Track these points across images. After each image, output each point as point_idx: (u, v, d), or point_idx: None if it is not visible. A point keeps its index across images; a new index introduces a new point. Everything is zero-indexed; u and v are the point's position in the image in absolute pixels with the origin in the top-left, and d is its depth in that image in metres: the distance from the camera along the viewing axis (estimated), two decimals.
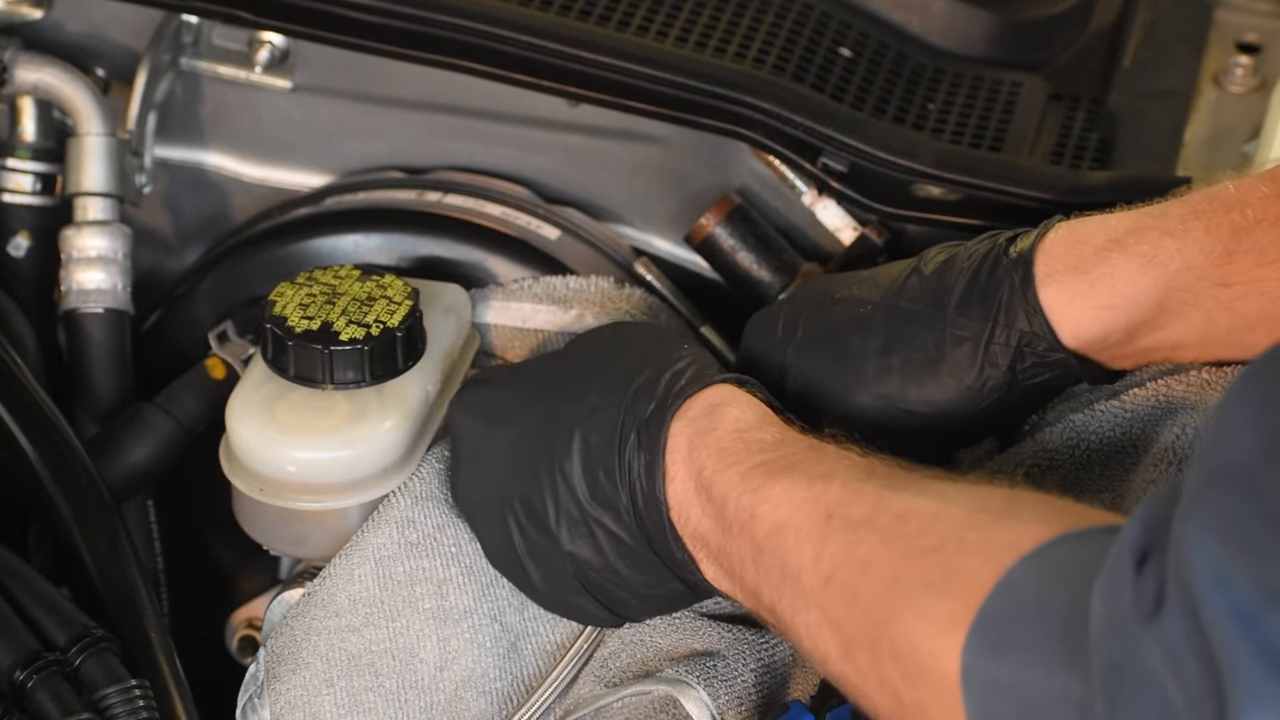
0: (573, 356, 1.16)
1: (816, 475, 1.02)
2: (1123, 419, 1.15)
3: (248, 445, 1.17)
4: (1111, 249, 1.11)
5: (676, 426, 1.08)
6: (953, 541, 0.92)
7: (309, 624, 1.13)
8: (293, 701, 1.12)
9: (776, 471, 1.03)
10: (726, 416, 1.07)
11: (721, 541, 1.05)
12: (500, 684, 1.13)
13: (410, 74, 1.41)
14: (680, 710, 1.09)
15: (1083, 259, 1.12)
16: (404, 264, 1.36)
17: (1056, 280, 1.12)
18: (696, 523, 1.06)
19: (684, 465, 1.07)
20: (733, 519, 1.04)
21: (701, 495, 1.06)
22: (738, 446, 1.06)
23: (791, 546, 1.00)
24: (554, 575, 1.11)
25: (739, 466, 1.04)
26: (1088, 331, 1.12)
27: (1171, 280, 1.10)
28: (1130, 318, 1.11)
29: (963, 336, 1.13)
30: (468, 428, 1.15)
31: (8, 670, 1.09)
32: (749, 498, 1.03)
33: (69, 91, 1.40)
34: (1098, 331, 1.12)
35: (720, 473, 1.05)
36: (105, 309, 1.37)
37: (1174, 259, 1.10)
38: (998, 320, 1.13)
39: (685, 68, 1.36)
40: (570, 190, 1.46)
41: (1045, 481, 1.16)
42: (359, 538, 1.15)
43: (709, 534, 1.06)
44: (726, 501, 1.04)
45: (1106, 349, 1.13)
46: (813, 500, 1.00)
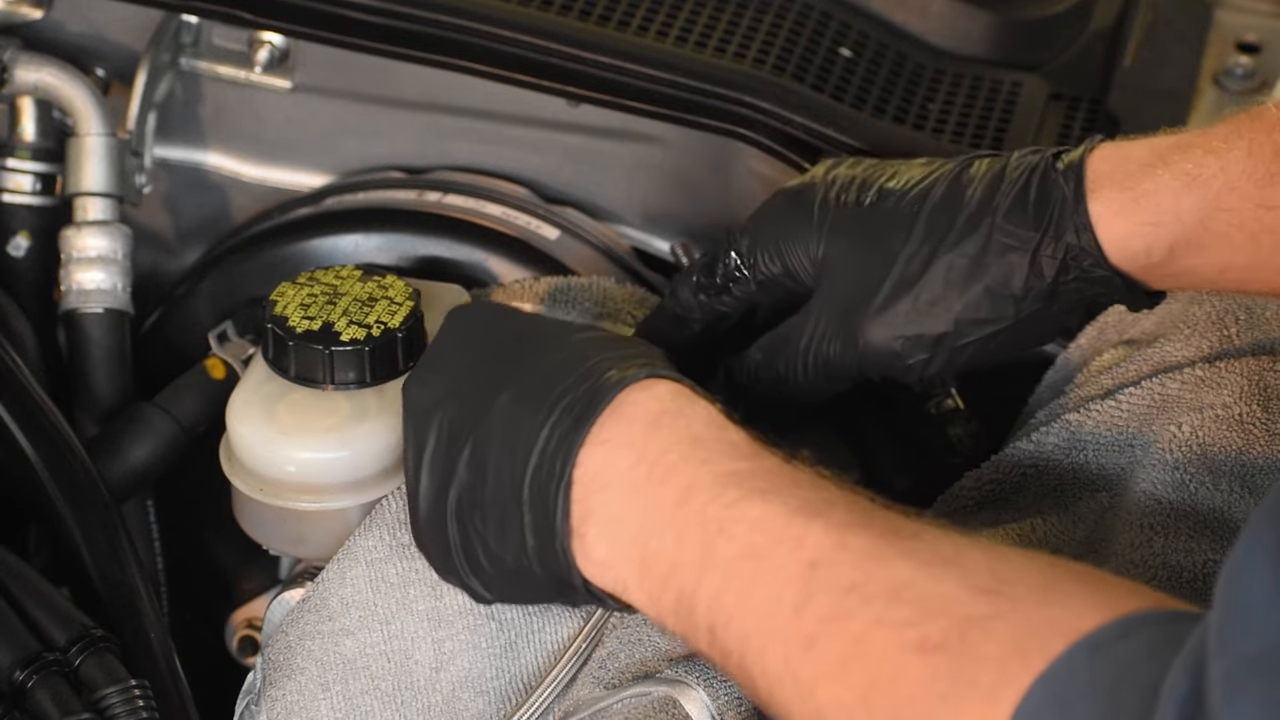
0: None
1: (797, 509, 0.94)
2: (1119, 418, 1.15)
3: (248, 445, 1.17)
4: (1155, 165, 1.10)
5: (638, 393, 1.01)
6: (957, 637, 0.84)
7: (303, 629, 1.13)
8: (289, 707, 1.12)
9: (754, 490, 0.95)
10: (698, 402, 1.01)
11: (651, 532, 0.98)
12: (498, 684, 1.13)
13: (410, 74, 1.41)
14: (680, 711, 1.09)
15: (1128, 174, 1.10)
16: (404, 264, 1.36)
17: (1102, 195, 1.10)
18: (613, 496, 1.00)
19: (637, 433, 1.00)
20: (689, 520, 0.97)
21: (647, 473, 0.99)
22: (712, 442, 0.99)
23: (765, 580, 0.92)
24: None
25: (712, 467, 0.97)
26: (1131, 247, 1.10)
27: (1215, 200, 1.08)
28: (1174, 235, 1.09)
29: (1010, 245, 1.11)
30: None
31: (8, 670, 1.09)
32: (720, 509, 0.95)
33: (69, 91, 1.40)
34: (1140, 248, 1.10)
35: (688, 463, 0.98)
36: (105, 309, 1.37)
37: (1217, 178, 1.08)
38: (1047, 231, 1.11)
39: (685, 68, 1.36)
40: (570, 190, 1.46)
41: (1042, 480, 1.17)
42: (351, 541, 1.15)
43: (628, 514, 0.99)
44: (688, 499, 0.97)
45: (1149, 268, 1.11)
46: (793, 541, 0.92)
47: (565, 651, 1.13)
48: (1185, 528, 1.09)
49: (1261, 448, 1.12)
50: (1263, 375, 1.14)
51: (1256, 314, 1.19)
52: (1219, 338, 1.18)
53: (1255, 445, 1.12)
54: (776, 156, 1.36)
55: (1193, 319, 1.19)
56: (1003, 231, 1.11)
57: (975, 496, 1.18)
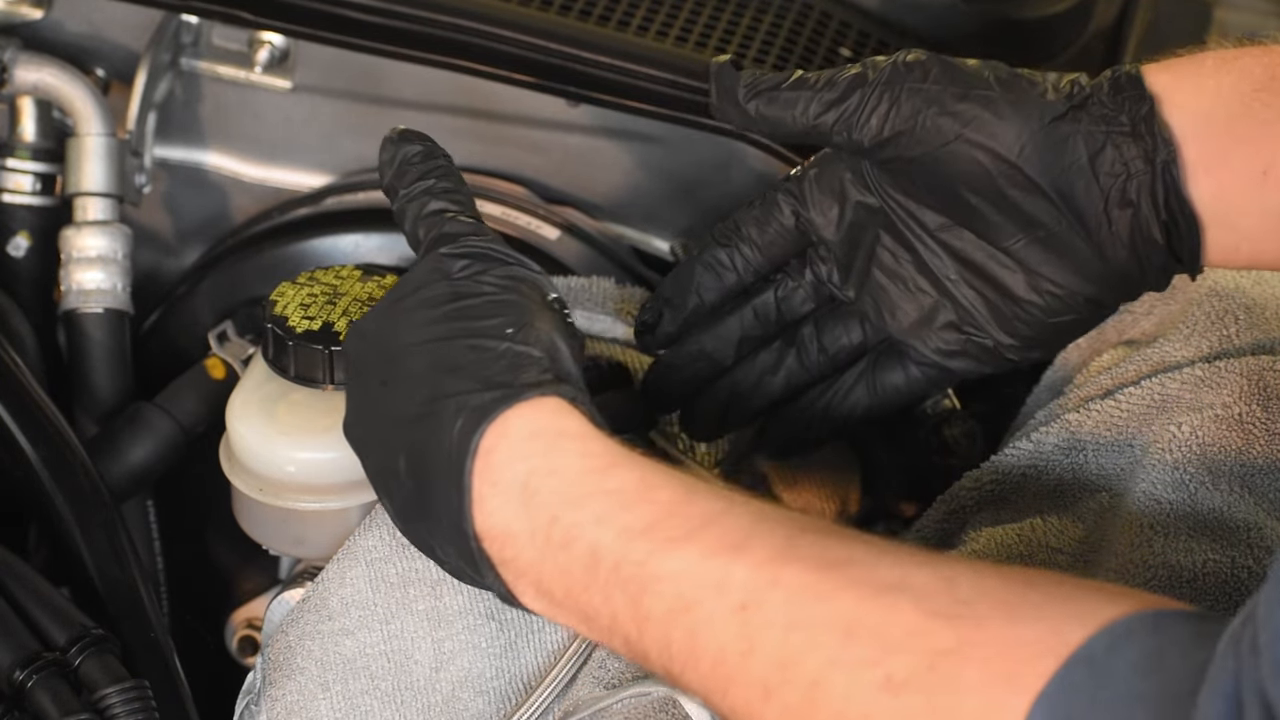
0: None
1: (712, 550, 0.90)
2: (1118, 418, 1.15)
3: (248, 445, 1.17)
4: (1196, 52, 1.10)
5: (494, 445, 0.97)
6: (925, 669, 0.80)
7: (302, 629, 1.13)
8: (289, 707, 1.12)
9: (664, 541, 0.91)
10: (564, 447, 0.96)
11: (579, 591, 0.95)
12: (497, 683, 1.13)
13: (410, 74, 1.41)
14: (679, 711, 1.09)
15: (1171, 60, 1.10)
16: (404, 264, 1.36)
17: (1147, 70, 1.09)
18: (529, 566, 0.97)
19: (517, 503, 0.96)
20: (608, 580, 0.93)
21: (545, 541, 0.95)
22: (596, 497, 0.94)
23: (703, 632, 0.89)
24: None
25: (609, 524, 0.93)
26: (1174, 99, 1.08)
27: (1256, 82, 1.07)
28: (1214, 103, 1.07)
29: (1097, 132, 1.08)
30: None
31: (7, 670, 1.09)
32: (634, 569, 0.92)
33: (69, 91, 1.40)
34: (1184, 101, 1.08)
35: (582, 526, 0.94)
36: (105, 309, 1.37)
37: (1257, 65, 1.08)
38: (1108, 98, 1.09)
39: (685, 68, 1.36)
40: (570, 190, 1.46)
41: (1041, 480, 1.16)
42: (351, 541, 1.15)
43: (552, 581, 0.96)
44: (598, 561, 0.93)
45: (1191, 137, 1.08)
46: (716, 584, 0.89)
47: (565, 651, 1.13)
48: (1185, 528, 1.09)
49: (1261, 448, 1.12)
50: (1262, 375, 1.14)
51: (1256, 314, 1.19)
52: (1219, 338, 1.18)
53: (1255, 445, 1.12)
54: (776, 156, 1.36)
55: (1192, 319, 1.19)
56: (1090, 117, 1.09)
57: (974, 497, 1.18)
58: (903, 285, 1.15)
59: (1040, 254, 1.11)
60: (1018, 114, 1.09)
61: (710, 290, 1.18)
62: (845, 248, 1.16)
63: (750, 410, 1.19)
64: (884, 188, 1.14)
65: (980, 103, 1.09)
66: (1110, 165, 1.08)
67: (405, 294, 1.04)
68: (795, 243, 1.17)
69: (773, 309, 1.19)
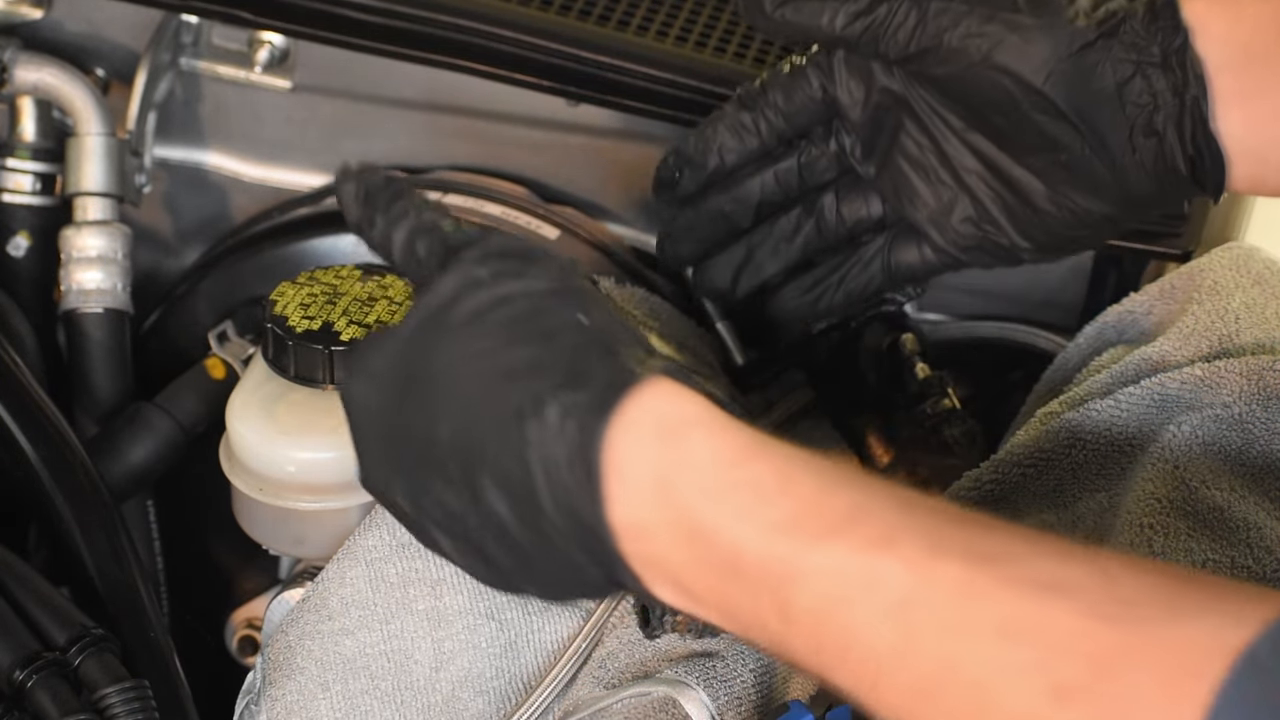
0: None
1: (862, 546, 0.85)
2: (1118, 417, 1.15)
3: (248, 445, 1.17)
4: None
5: (619, 440, 0.90)
6: (1094, 676, 0.77)
7: (302, 629, 1.13)
8: (289, 707, 1.12)
9: (808, 538, 0.86)
10: (694, 438, 0.90)
11: (720, 585, 0.89)
12: (497, 683, 1.13)
13: (410, 74, 1.41)
14: (679, 711, 1.09)
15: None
16: None
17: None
18: (667, 562, 0.90)
19: (651, 495, 0.89)
20: (754, 577, 0.88)
21: (687, 535, 0.89)
22: (734, 491, 0.88)
23: (856, 629, 0.85)
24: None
25: (751, 519, 0.87)
26: (1210, 29, 1.07)
27: None
28: (1251, 34, 1.06)
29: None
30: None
31: (7, 670, 1.09)
32: (779, 566, 0.87)
33: (69, 91, 1.40)
34: (1220, 31, 1.07)
35: (722, 520, 0.88)
36: (105, 309, 1.37)
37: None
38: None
39: (685, 68, 1.36)
40: (570, 190, 1.46)
41: (1041, 480, 1.17)
42: (351, 541, 1.15)
43: (692, 578, 0.90)
44: (740, 556, 0.88)
45: (1224, 67, 1.07)
46: (869, 584, 0.84)
47: (565, 651, 1.13)
48: (1185, 528, 1.09)
49: (1261, 447, 1.12)
50: (1262, 375, 1.14)
51: (1256, 314, 1.19)
52: (1219, 337, 1.18)
53: (1255, 445, 1.12)
54: None
55: (1193, 319, 1.19)
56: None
57: (974, 497, 1.18)
58: (923, 174, 1.15)
59: (1062, 174, 1.11)
60: (1046, 39, 1.08)
61: (732, 152, 1.17)
62: (869, 129, 1.16)
63: (764, 272, 1.19)
64: (913, 85, 1.13)
65: (1008, 25, 1.09)
66: (1138, 95, 1.08)
67: (434, 315, 0.94)
68: (820, 114, 1.17)
69: (795, 174, 1.17)
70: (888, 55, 1.11)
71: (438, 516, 0.96)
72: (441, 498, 0.95)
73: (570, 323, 0.93)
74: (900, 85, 1.13)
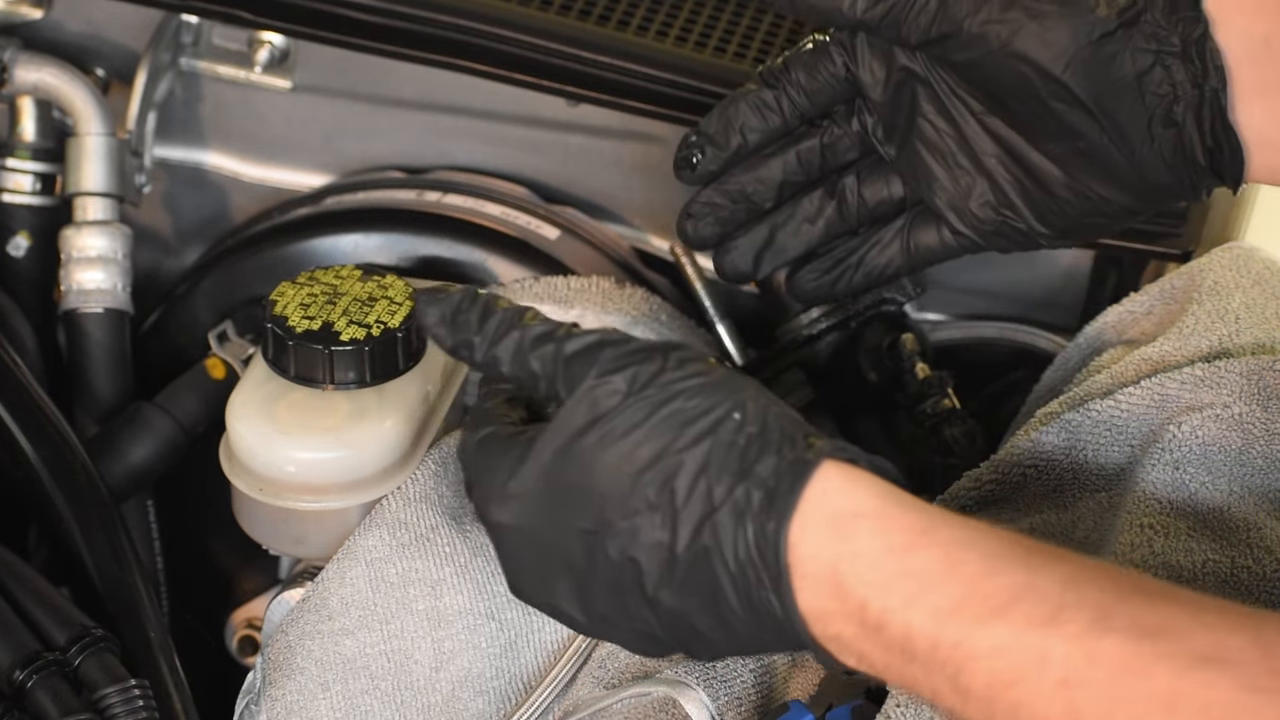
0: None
1: (1026, 625, 0.87)
2: (1117, 417, 1.15)
3: (248, 445, 1.17)
4: None
5: (796, 536, 0.93)
6: None
7: (303, 629, 1.13)
8: (289, 706, 1.12)
9: (973, 621, 0.89)
10: (861, 530, 0.93)
11: (898, 664, 0.92)
12: (498, 683, 1.13)
13: (410, 74, 1.41)
14: (680, 711, 1.09)
15: None
16: (404, 264, 1.36)
17: None
18: (850, 642, 0.93)
19: (829, 589, 0.93)
20: (926, 659, 0.90)
21: (860, 624, 0.92)
22: (903, 580, 0.91)
23: (1025, 705, 0.87)
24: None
25: (920, 606, 0.90)
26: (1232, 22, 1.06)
27: None
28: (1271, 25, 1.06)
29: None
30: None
31: (7, 670, 1.09)
32: (949, 650, 0.89)
33: (69, 91, 1.40)
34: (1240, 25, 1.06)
35: (893, 610, 0.91)
36: (105, 309, 1.37)
37: None
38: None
39: (685, 68, 1.36)
40: (570, 190, 1.46)
41: (1041, 479, 1.17)
42: (351, 541, 1.15)
43: (873, 656, 0.93)
44: (912, 641, 0.90)
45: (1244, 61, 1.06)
46: (1035, 661, 0.87)
47: (565, 651, 1.13)
48: (1185, 527, 1.09)
49: (1261, 447, 1.12)
50: (1262, 375, 1.14)
51: (1256, 314, 1.19)
52: (1219, 338, 1.18)
53: (1255, 445, 1.12)
54: None
55: (1193, 319, 1.19)
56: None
57: (974, 497, 1.18)
58: (942, 159, 1.14)
59: (1080, 162, 1.11)
60: (1066, 27, 1.08)
61: (754, 131, 1.16)
62: (890, 109, 1.15)
63: (786, 254, 1.19)
64: (934, 67, 1.13)
65: (1028, 13, 1.08)
66: (1157, 85, 1.08)
67: (581, 431, 0.97)
68: (842, 94, 1.16)
69: (817, 154, 1.17)
70: (908, 40, 1.10)
71: (613, 618, 0.99)
72: (617, 603, 0.98)
73: (726, 417, 0.96)
74: (921, 67, 1.13)
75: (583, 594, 0.99)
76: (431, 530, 1.15)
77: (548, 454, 0.98)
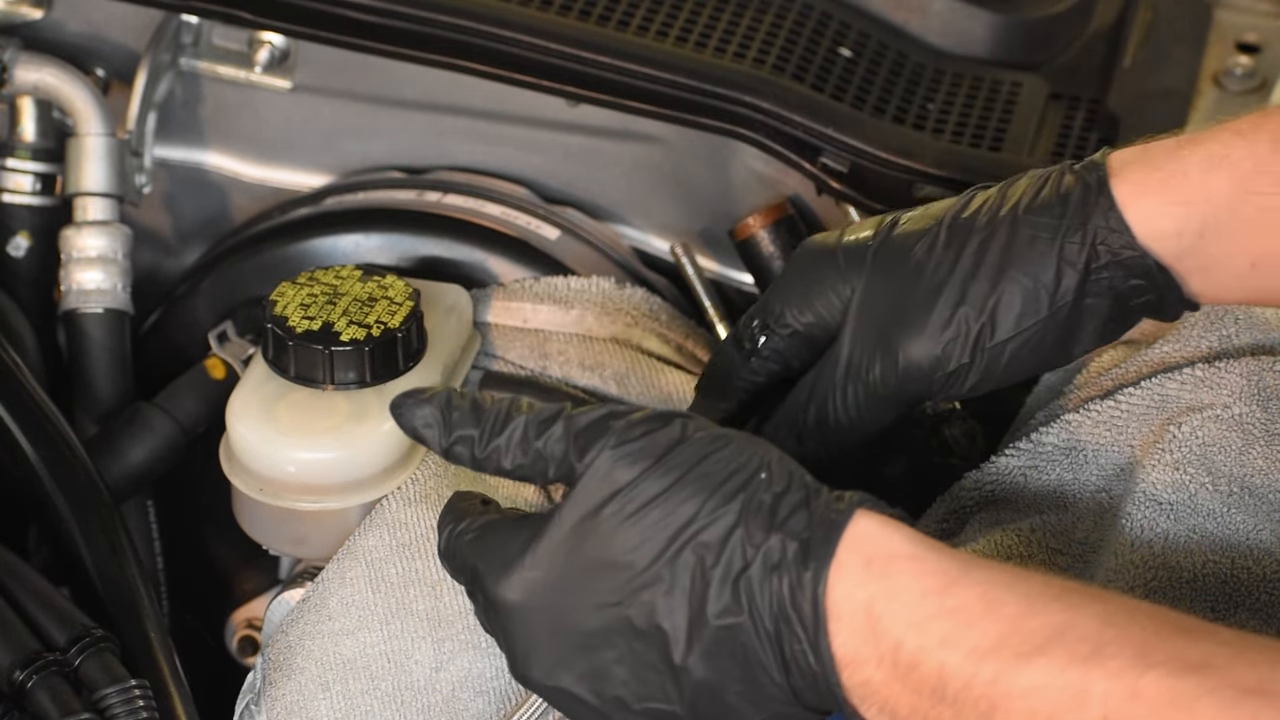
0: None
1: (1066, 663, 0.87)
2: (1118, 417, 1.15)
3: (248, 445, 1.17)
4: (1182, 147, 1.08)
5: (833, 583, 0.93)
6: None
7: (302, 629, 1.13)
8: (289, 707, 1.12)
9: (1012, 658, 0.89)
10: (898, 568, 0.93)
11: (927, 708, 0.92)
12: (498, 683, 1.12)
13: (410, 74, 1.41)
14: None
15: (1153, 157, 1.08)
16: (404, 264, 1.36)
17: (1127, 177, 1.08)
18: (878, 688, 0.93)
19: (863, 630, 0.93)
20: (958, 698, 0.90)
21: (893, 665, 0.92)
22: (940, 618, 0.91)
23: None
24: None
25: (957, 645, 0.90)
26: (1160, 227, 1.07)
27: (1244, 182, 1.06)
28: (1203, 217, 1.06)
29: (1036, 235, 1.08)
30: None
31: (7, 670, 1.09)
32: (984, 688, 0.89)
33: (69, 91, 1.40)
34: (1170, 228, 1.07)
35: (928, 650, 0.91)
36: (105, 309, 1.37)
37: (1245, 160, 1.06)
38: (1072, 216, 1.08)
39: (685, 68, 1.36)
40: (570, 190, 1.46)
41: (1041, 479, 1.16)
42: (351, 541, 1.15)
43: (899, 702, 0.93)
44: (946, 681, 0.90)
45: (1180, 254, 1.07)
46: (1075, 700, 0.86)
47: None
48: (1185, 528, 1.09)
49: (1261, 448, 1.12)
50: (1261, 375, 1.14)
51: (1255, 314, 1.19)
52: (1218, 338, 1.18)
53: (1254, 445, 1.12)
54: (776, 156, 1.36)
55: (1192, 319, 1.19)
56: (1028, 224, 1.08)
57: (975, 497, 1.18)
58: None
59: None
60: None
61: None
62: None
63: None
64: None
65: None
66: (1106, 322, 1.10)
67: (596, 509, 0.97)
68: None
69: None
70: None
71: (630, 699, 0.98)
72: (636, 679, 0.98)
73: (754, 477, 0.97)
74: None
75: (597, 675, 0.98)
76: (432, 531, 1.14)
77: (566, 528, 0.98)
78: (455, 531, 1.03)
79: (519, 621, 0.99)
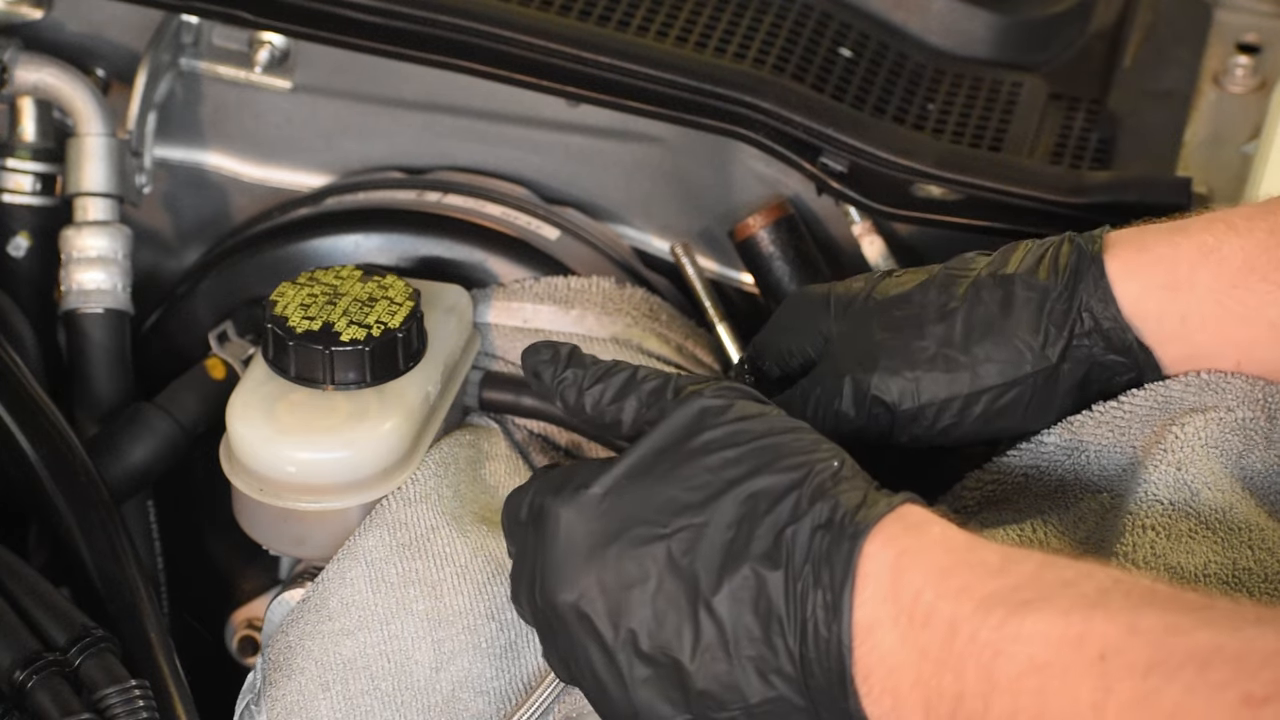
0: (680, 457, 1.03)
1: (1072, 608, 0.90)
2: (1119, 419, 1.15)
3: (248, 445, 1.17)
4: (1175, 233, 1.11)
5: (871, 546, 0.97)
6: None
7: (302, 629, 1.13)
8: (289, 707, 1.12)
9: (1020, 604, 0.92)
10: (931, 531, 0.98)
11: (930, 674, 0.94)
12: (498, 683, 1.13)
13: (410, 74, 1.41)
14: None
15: (1146, 239, 1.12)
16: (404, 264, 1.36)
17: (1119, 255, 1.12)
18: (886, 659, 0.96)
19: (886, 587, 0.96)
20: (963, 652, 0.92)
21: (909, 621, 0.95)
22: (961, 569, 0.95)
23: (1055, 690, 0.89)
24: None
25: (971, 595, 0.93)
26: (1144, 309, 1.11)
27: (1232, 277, 1.09)
28: (1187, 306, 1.10)
29: (1028, 296, 1.12)
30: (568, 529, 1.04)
31: (8, 670, 1.09)
32: (990, 633, 0.91)
33: (69, 91, 1.40)
34: (1153, 310, 1.11)
35: (945, 599, 0.94)
36: (105, 309, 1.37)
37: (1236, 255, 1.09)
38: (1064, 282, 1.12)
39: (685, 68, 1.36)
40: (570, 190, 1.46)
41: (1043, 479, 1.17)
42: (351, 541, 1.15)
43: (905, 664, 0.95)
44: (955, 633, 0.93)
45: (1162, 339, 1.12)
46: (1075, 639, 0.89)
47: None
48: (1186, 528, 1.09)
49: (1260, 452, 1.12)
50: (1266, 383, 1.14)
51: None
52: None
53: (1255, 449, 1.12)
54: (776, 156, 1.36)
55: None
56: (1022, 283, 1.13)
57: (976, 497, 1.19)
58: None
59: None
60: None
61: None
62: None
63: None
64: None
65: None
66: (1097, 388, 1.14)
67: (668, 448, 1.03)
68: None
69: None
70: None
71: (640, 632, 1.00)
72: (653, 613, 1.00)
73: (820, 462, 1.01)
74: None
75: (619, 602, 1.01)
76: (431, 531, 1.15)
77: (638, 456, 1.03)
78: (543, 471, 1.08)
79: (564, 535, 1.02)
